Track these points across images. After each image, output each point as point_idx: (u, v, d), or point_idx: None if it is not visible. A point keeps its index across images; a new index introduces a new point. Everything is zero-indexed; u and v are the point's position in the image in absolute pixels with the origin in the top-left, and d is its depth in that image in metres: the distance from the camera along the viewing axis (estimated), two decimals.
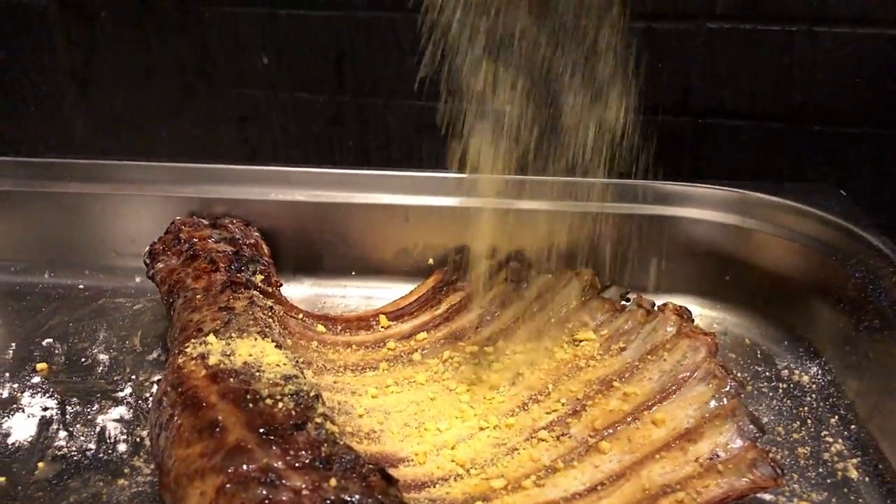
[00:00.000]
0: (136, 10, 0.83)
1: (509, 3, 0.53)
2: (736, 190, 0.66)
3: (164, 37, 0.81)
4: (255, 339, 0.50)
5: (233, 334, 0.50)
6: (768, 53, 0.71)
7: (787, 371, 0.61)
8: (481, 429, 0.52)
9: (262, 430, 0.41)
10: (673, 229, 0.67)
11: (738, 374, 0.60)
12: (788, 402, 0.58)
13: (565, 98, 0.56)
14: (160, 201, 0.71)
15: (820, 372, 0.60)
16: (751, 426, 0.49)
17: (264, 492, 0.37)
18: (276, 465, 0.39)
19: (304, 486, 0.38)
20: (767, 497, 0.49)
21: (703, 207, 0.67)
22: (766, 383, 0.60)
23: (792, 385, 0.60)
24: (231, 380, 0.45)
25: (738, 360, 0.63)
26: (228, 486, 0.38)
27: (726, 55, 0.71)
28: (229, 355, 0.47)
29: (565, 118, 0.57)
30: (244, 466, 0.39)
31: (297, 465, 0.39)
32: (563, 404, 0.54)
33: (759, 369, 0.62)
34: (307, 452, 0.40)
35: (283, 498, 0.37)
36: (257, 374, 0.46)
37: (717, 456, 0.48)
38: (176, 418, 0.43)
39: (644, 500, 0.45)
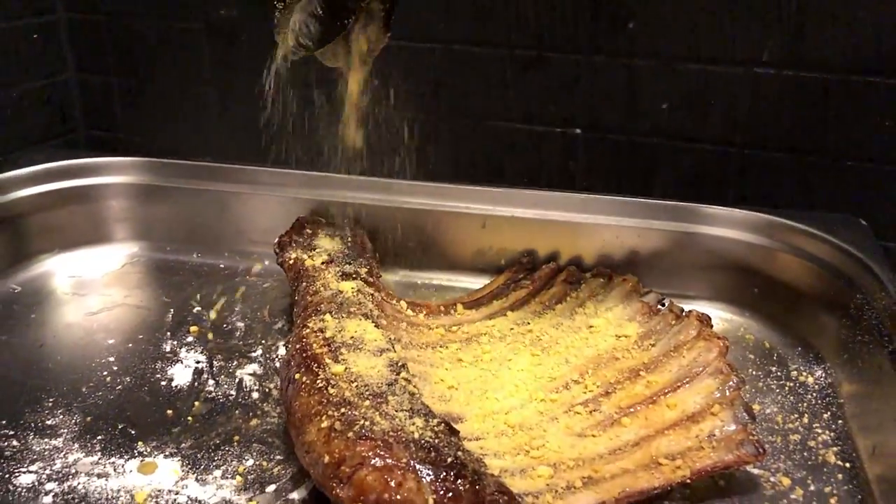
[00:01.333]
0: (270, 37, 0.99)
1: None
2: (766, 216, 0.78)
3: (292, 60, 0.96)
4: (360, 319, 0.65)
5: (343, 315, 0.65)
6: (808, 96, 0.81)
7: (795, 372, 0.72)
8: (531, 401, 0.66)
9: (362, 386, 0.56)
10: (710, 246, 0.79)
11: (752, 372, 0.72)
12: (792, 397, 0.69)
13: None
14: (287, 201, 0.87)
15: (823, 375, 0.71)
16: (744, 414, 0.61)
17: (362, 430, 0.52)
18: (370, 413, 0.54)
19: (390, 428, 0.52)
20: (756, 471, 0.61)
21: (737, 229, 0.79)
22: (776, 381, 0.71)
23: (798, 384, 0.71)
24: (342, 349, 0.60)
25: (756, 360, 0.74)
26: (337, 424, 0.53)
27: (770, 97, 0.82)
28: (340, 331, 0.63)
29: None
30: (348, 412, 0.54)
31: (386, 413, 0.54)
32: (598, 386, 0.67)
33: (773, 369, 0.73)
34: (394, 405, 0.55)
35: (375, 436, 0.52)
36: (360, 345, 0.61)
37: (714, 435, 0.60)
38: (301, 375, 0.59)
39: (650, 464, 0.58)
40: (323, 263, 0.75)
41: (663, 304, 0.75)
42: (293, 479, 0.60)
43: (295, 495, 0.58)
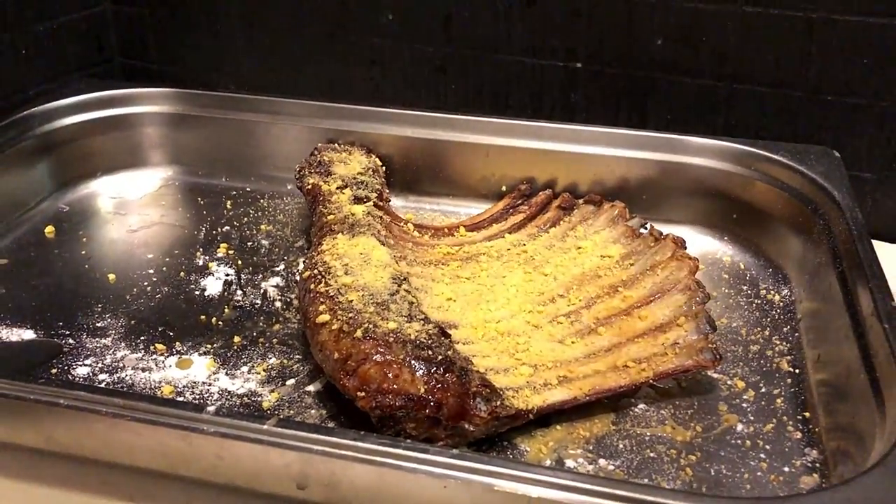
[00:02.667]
0: None
1: None
2: (745, 147, 0.84)
3: None
4: (369, 238, 0.74)
5: (354, 234, 0.74)
6: (792, 34, 0.85)
7: (764, 291, 0.79)
8: (520, 312, 0.74)
9: (368, 296, 0.65)
10: (693, 175, 0.85)
11: (725, 290, 0.79)
12: (757, 313, 0.77)
13: None
14: (307, 130, 0.94)
15: (787, 293, 0.78)
16: (706, 325, 0.68)
17: (367, 334, 0.61)
18: (374, 317, 0.63)
19: (391, 330, 0.61)
20: (715, 375, 0.69)
21: (718, 159, 0.85)
22: (745, 299, 0.79)
23: (765, 302, 0.78)
24: (351, 263, 0.69)
25: (730, 279, 0.81)
26: (345, 326, 0.62)
27: (757, 33, 0.87)
28: (351, 248, 0.71)
29: None
30: (355, 316, 0.63)
31: (387, 318, 0.63)
32: (580, 300, 0.74)
33: (744, 288, 0.80)
34: (395, 311, 0.63)
35: (377, 336, 0.61)
36: (368, 261, 0.69)
37: (678, 343, 0.68)
38: (315, 285, 0.67)
39: (619, 367, 0.67)
40: (338, 188, 0.83)
41: (645, 228, 0.82)
42: (309, 375, 0.69)
43: (311, 388, 0.68)
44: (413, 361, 0.59)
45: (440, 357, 0.59)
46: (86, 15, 1.13)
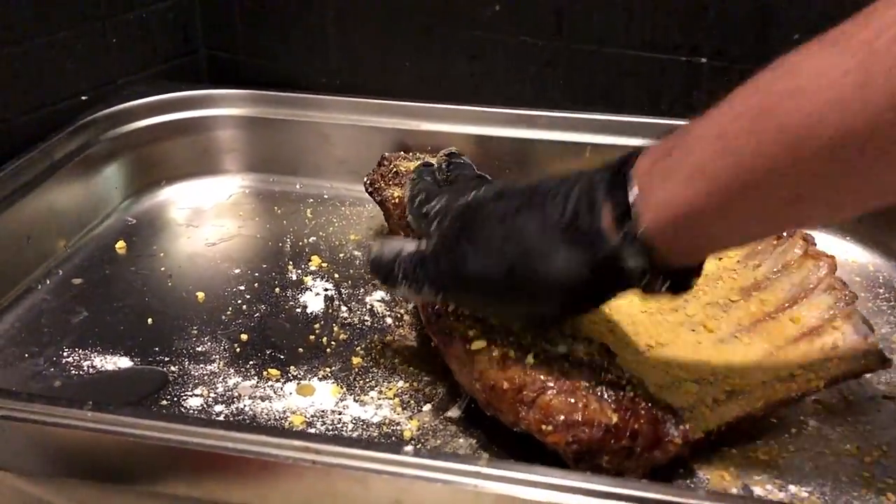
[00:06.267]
0: None
1: None
2: None
3: None
4: None
5: None
6: None
7: None
8: (649, 318, 0.67)
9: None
10: None
11: (861, 294, 0.73)
12: None
13: None
14: (391, 133, 0.88)
15: None
16: (863, 325, 0.63)
17: (539, 359, 0.55)
18: (537, 339, 0.56)
19: (562, 353, 0.55)
20: (881, 387, 0.64)
21: None
22: (884, 302, 0.74)
23: None
24: None
25: (863, 282, 0.77)
26: (510, 353, 0.55)
27: None
28: None
29: None
30: (516, 340, 0.57)
31: (551, 339, 0.57)
32: (708, 305, 0.70)
33: (880, 291, 0.76)
34: (555, 331, 0.58)
35: (551, 363, 0.55)
36: None
37: (838, 346, 0.63)
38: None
39: (786, 377, 0.61)
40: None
41: None
42: (445, 399, 0.63)
43: (451, 413, 0.62)
44: (597, 387, 0.53)
45: (623, 381, 0.54)
46: (172, 4, 1.05)
